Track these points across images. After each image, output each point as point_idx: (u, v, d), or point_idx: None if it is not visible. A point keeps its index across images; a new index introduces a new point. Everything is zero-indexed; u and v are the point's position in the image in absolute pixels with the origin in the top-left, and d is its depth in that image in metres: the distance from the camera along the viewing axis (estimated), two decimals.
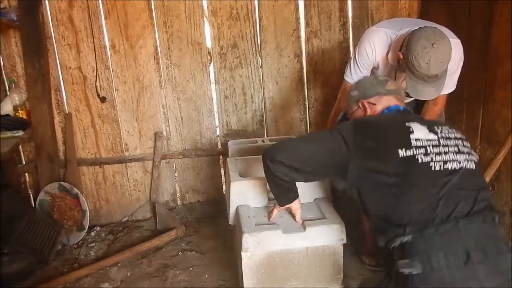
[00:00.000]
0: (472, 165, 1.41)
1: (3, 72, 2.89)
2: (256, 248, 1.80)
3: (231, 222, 2.10)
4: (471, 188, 1.36)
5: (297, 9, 3.03)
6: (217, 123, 3.22)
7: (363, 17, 3.07)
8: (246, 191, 2.05)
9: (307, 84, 3.17)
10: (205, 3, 2.99)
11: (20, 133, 2.71)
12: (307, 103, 3.20)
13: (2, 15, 2.65)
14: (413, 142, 1.40)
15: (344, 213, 2.99)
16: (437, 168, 1.36)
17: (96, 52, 2.92)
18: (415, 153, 1.38)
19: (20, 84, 2.89)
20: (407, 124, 1.46)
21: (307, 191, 2.06)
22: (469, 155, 1.43)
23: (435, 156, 1.38)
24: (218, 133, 3.26)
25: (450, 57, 1.73)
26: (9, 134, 2.68)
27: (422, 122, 1.50)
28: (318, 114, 3.21)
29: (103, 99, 2.98)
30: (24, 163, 3.04)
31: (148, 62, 3.01)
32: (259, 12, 3.01)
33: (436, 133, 1.44)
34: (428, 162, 1.37)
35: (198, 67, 3.06)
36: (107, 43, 2.95)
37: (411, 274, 1.24)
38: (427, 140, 1.41)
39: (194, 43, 3.02)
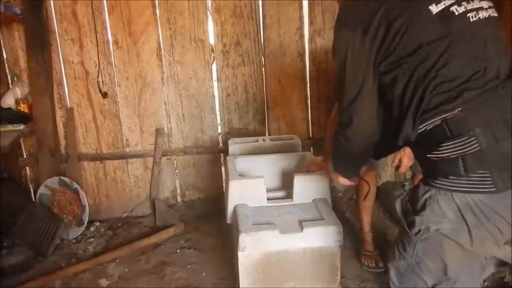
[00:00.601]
0: (494, 12, 1.18)
1: (6, 65, 2.89)
2: (253, 247, 1.79)
3: (229, 220, 2.09)
4: (502, 41, 1.16)
5: (301, 7, 3.02)
6: (218, 121, 3.21)
7: None
8: (245, 190, 2.05)
9: (310, 83, 3.15)
10: (209, 1, 2.98)
11: (21, 126, 2.72)
12: (309, 102, 3.19)
13: (6, 9, 2.65)
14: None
15: (344, 213, 3.03)
16: (474, 18, 1.11)
17: (99, 47, 2.92)
18: (447, 4, 1.11)
19: (22, 78, 2.90)
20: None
21: (306, 192, 2.05)
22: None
23: (467, 4, 1.13)
24: (219, 131, 3.25)
25: None
26: (10, 127, 2.68)
27: None
28: (321, 113, 3.19)
29: (104, 95, 2.98)
30: (25, 156, 3.04)
31: (151, 58, 3.00)
32: (263, 11, 3.00)
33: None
34: (464, 13, 1.11)
35: (201, 65, 3.05)
36: (110, 38, 2.95)
37: (464, 156, 1.04)
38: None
39: (197, 40, 3.01)
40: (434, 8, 1.09)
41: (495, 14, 1.16)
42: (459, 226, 1.08)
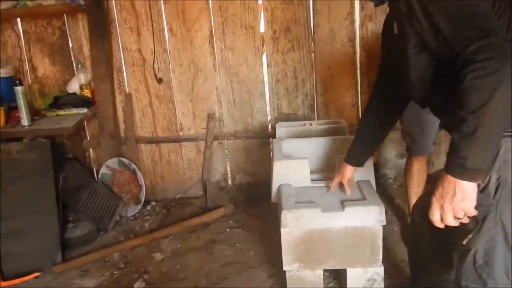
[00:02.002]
0: None
1: (71, 53, 3.12)
2: (295, 225, 1.85)
3: (273, 200, 2.15)
4: None
5: None
6: (268, 106, 3.27)
7: None
8: (289, 170, 2.10)
9: (360, 69, 3.13)
10: None
11: (85, 110, 2.93)
12: (359, 88, 3.16)
13: (71, 0, 2.87)
14: None
15: (393, 199, 2.99)
16: None
17: (155, 35, 3.07)
18: None
19: (86, 65, 3.12)
20: None
21: None
22: None
23: None
24: (269, 116, 3.31)
25: None
26: (75, 111, 2.90)
27: None
28: None
29: (160, 80, 3.14)
30: (88, 138, 3.28)
31: (203, 45, 3.11)
32: None
33: None
34: None
35: (251, 51, 3.12)
36: (165, 26, 3.09)
37: None
38: None
39: (247, 27, 3.07)
40: None
41: None
42: None
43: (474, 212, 1.09)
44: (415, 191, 2.41)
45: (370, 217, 1.82)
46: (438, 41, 1.11)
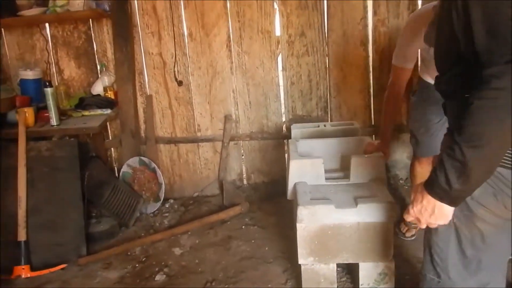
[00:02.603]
0: None
1: (96, 56, 3.27)
2: (310, 220, 1.95)
3: (289, 197, 2.25)
4: None
5: None
6: (283, 108, 3.38)
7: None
8: (304, 169, 2.20)
9: (372, 72, 3.22)
10: None
11: (108, 111, 3.07)
12: (372, 91, 3.26)
13: (97, 6, 3.02)
14: None
15: (404, 199, 3.08)
16: None
17: (175, 40, 3.20)
18: None
19: (109, 68, 3.26)
20: None
21: (362, 172, 2.17)
22: None
23: None
24: (283, 118, 3.42)
25: None
26: (99, 111, 3.04)
27: None
28: (383, 102, 3.24)
29: (180, 83, 3.27)
30: (110, 138, 3.42)
31: (221, 49, 3.23)
32: (327, 1, 3.11)
33: None
34: None
35: (267, 55, 3.23)
36: (185, 31, 3.22)
37: None
38: None
39: (264, 31, 3.19)
40: None
41: None
42: (485, 189, 1.12)
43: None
44: None
45: (382, 214, 1.91)
46: (466, 38, 1.02)
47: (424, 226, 1.21)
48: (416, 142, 2.48)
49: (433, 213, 1.12)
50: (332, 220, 1.94)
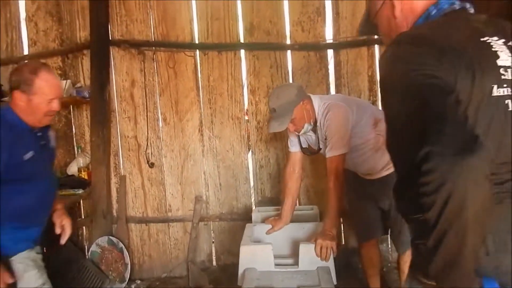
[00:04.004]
0: None
1: (74, 139, 3.45)
2: None
3: (239, 283, 2.27)
4: None
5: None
6: (252, 190, 3.48)
7: None
8: (254, 254, 2.24)
9: None
10: (245, 84, 3.38)
11: (80, 191, 3.18)
12: None
13: (77, 93, 3.24)
14: (503, 75, 0.96)
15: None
16: None
17: (150, 124, 3.39)
18: (505, 94, 0.95)
19: (86, 149, 3.42)
20: (486, 40, 1.00)
21: (310, 259, 2.20)
22: None
23: None
24: (253, 199, 3.50)
25: (287, 97, 2.22)
26: (71, 191, 3.15)
27: (498, 33, 1.02)
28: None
29: (152, 165, 3.40)
30: (83, 217, 3.49)
31: (193, 133, 3.41)
32: None
33: None
34: None
35: (237, 139, 3.40)
36: (159, 116, 3.42)
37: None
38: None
39: (234, 117, 3.38)
40: (495, 90, 0.96)
41: None
42: None
43: None
44: (369, 272, 2.56)
45: None
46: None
47: None
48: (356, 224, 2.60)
49: None
50: None
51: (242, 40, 3.35)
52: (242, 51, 3.36)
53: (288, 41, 3.35)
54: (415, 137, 0.91)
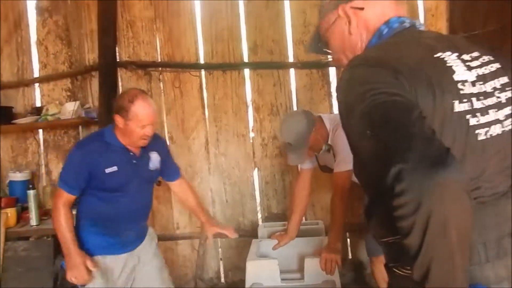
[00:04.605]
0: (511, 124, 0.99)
1: None
2: None
3: None
4: (509, 162, 1.00)
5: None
6: (258, 206, 3.52)
7: None
8: (260, 270, 2.28)
9: None
10: (249, 101, 3.45)
11: None
12: None
13: (86, 114, 3.32)
14: (461, 89, 0.95)
15: None
16: (482, 136, 0.96)
17: None
18: (465, 109, 0.95)
19: None
20: (440, 56, 1.00)
21: (316, 273, 2.24)
22: (509, 106, 0.99)
23: (480, 116, 0.96)
24: (259, 215, 3.54)
25: (300, 128, 2.27)
26: None
27: (450, 47, 1.02)
28: (353, 199, 3.37)
29: (159, 183, 3.44)
30: None
31: (200, 151, 3.47)
32: (297, 107, 3.39)
33: (470, 69, 0.99)
34: (475, 127, 0.95)
35: (242, 156, 3.45)
36: (166, 135, 3.48)
37: None
38: (470, 84, 0.97)
39: (239, 135, 3.44)
40: (457, 106, 0.94)
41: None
42: None
43: None
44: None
45: None
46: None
47: None
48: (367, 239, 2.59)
49: None
50: None
51: (246, 60, 3.44)
52: (246, 70, 3.45)
53: (290, 60, 3.43)
54: (382, 157, 0.85)
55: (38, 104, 3.50)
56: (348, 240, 3.43)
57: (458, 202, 0.79)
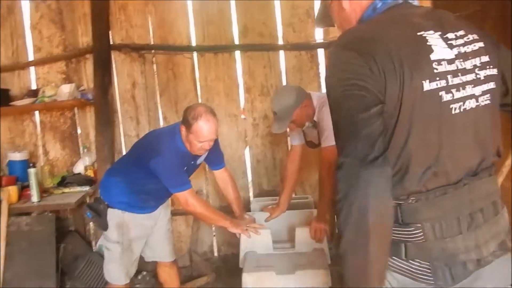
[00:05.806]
0: (488, 99, 1.08)
1: (79, 139, 3.62)
2: (254, 285, 2.16)
3: (240, 265, 2.47)
4: (483, 136, 1.09)
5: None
6: (250, 183, 3.67)
7: None
8: (254, 239, 2.44)
9: None
10: (241, 82, 3.57)
11: (87, 188, 3.35)
12: None
13: (82, 96, 3.42)
14: (436, 69, 1.02)
15: None
16: (456, 110, 1.03)
17: (151, 124, 3.57)
18: (438, 86, 1.01)
19: (91, 149, 3.59)
20: (422, 34, 1.05)
21: (306, 242, 2.40)
22: (487, 83, 1.08)
23: (455, 91, 1.03)
24: (251, 192, 3.69)
25: (287, 101, 2.44)
26: (78, 189, 3.32)
27: (436, 26, 1.08)
28: None
29: None
30: None
31: None
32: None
33: (452, 48, 1.06)
34: (449, 102, 1.02)
35: (234, 135, 3.59)
36: (160, 116, 3.60)
37: (406, 243, 1.05)
38: (447, 62, 1.03)
39: (231, 115, 3.58)
40: (427, 85, 1.01)
41: (487, 101, 1.08)
42: None
43: None
44: None
45: (318, 279, 2.12)
46: None
47: None
48: None
49: None
50: (273, 286, 2.15)
51: (236, 42, 3.55)
52: (237, 52, 3.56)
53: (280, 42, 3.56)
54: (339, 141, 1.04)
55: (33, 87, 3.58)
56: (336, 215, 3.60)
57: (379, 199, 0.96)
